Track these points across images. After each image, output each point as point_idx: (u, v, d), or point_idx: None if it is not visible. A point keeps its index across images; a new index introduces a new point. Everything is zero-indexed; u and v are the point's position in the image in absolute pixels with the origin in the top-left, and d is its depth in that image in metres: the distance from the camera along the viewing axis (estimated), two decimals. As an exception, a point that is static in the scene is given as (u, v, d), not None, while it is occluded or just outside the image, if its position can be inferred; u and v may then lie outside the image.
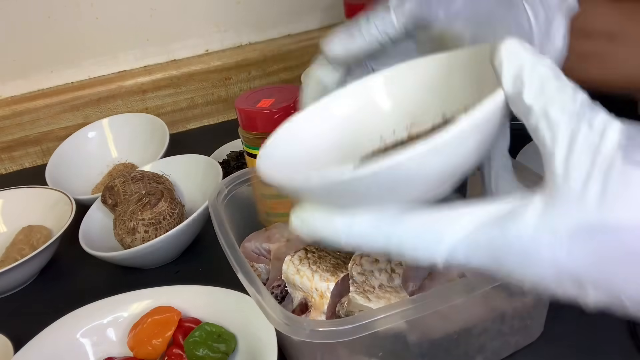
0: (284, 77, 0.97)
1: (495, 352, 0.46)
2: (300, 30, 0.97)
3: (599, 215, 0.23)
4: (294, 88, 0.61)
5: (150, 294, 0.53)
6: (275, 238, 0.53)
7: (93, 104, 0.90)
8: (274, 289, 0.49)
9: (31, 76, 0.90)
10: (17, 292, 0.65)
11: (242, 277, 0.41)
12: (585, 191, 0.23)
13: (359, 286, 0.44)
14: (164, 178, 0.69)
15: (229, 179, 0.54)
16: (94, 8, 0.87)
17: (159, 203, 0.62)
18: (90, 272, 0.66)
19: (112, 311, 0.53)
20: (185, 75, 0.92)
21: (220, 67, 0.93)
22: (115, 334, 0.52)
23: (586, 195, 0.23)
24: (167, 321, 0.51)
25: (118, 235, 0.63)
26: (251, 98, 0.59)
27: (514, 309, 0.44)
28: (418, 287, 0.46)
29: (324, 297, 0.45)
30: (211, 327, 0.49)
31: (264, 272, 0.52)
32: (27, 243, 0.67)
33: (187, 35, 0.93)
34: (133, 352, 0.50)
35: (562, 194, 0.24)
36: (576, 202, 0.23)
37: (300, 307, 0.47)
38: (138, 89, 0.91)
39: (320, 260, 0.47)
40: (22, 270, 0.62)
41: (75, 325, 0.51)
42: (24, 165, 0.92)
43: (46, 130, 0.90)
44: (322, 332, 0.35)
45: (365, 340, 0.38)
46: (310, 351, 0.42)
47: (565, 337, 0.48)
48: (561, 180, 0.24)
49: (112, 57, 0.92)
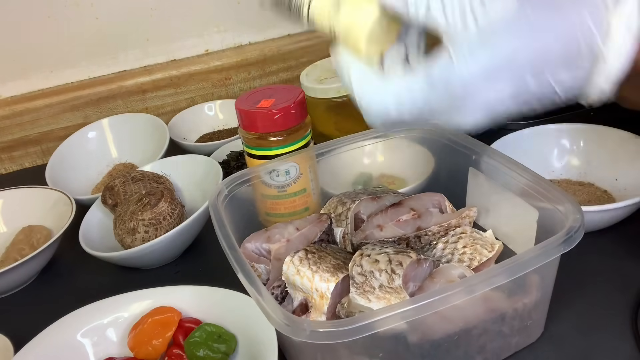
0: (284, 77, 0.97)
1: (495, 353, 0.46)
2: (300, 30, 0.97)
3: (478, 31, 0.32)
4: (294, 88, 0.61)
5: (151, 294, 0.53)
6: (276, 238, 0.53)
7: (93, 104, 0.90)
8: (274, 289, 0.49)
9: (31, 76, 0.90)
10: (17, 292, 0.65)
11: (242, 278, 0.41)
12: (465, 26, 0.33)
13: (359, 287, 0.44)
14: (164, 178, 0.69)
15: (229, 179, 0.55)
16: (94, 8, 0.87)
17: (159, 203, 0.62)
18: (90, 272, 0.66)
19: (113, 311, 0.53)
20: (185, 75, 0.92)
21: (220, 67, 0.93)
22: (115, 334, 0.52)
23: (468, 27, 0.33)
24: (168, 321, 0.51)
25: (118, 235, 0.63)
26: (251, 98, 0.59)
27: (514, 309, 0.44)
28: (418, 287, 0.46)
29: (324, 297, 0.45)
30: (211, 327, 0.49)
31: (264, 272, 0.52)
32: (27, 243, 0.67)
33: (187, 35, 0.93)
34: (133, 353, 0.50)
35: (454, 39, 0.33)
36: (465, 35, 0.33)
37: (301, 307, 0.47)
38: (138, 89, 0.91)
39: (320, 260, 0.47)
40: (22, 270, 0.62)
41: (75, 325, 0.51)
42: (24, 165, 0.92)
43: (46, 130, 0.90)
44: (322, 333, 0.35)
45: (365, 341, 0.38)
46: (311, 352, 0.42)
47: (565, 338, 0.48)
48: (451, 30, 0.33)
49: (112, 57, 0.92)
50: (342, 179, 0.64)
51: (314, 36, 0.96)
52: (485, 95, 0.34)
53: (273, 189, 0.57)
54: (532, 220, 0.47)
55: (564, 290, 0.49)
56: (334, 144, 0.59)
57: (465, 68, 0.33)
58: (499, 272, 0.39)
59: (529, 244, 0.48)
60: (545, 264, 0.40)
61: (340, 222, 0.55)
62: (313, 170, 0.59)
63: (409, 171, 0.65)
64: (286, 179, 0.57)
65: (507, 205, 0.51)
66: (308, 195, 0.59)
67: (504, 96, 0.34)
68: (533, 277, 0.44)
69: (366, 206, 0.56)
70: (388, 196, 0.57)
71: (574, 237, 0.40)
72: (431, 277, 0.46)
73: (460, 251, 0.51)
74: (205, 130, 0.90)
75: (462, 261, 0.50)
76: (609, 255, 0.55)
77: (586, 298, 0.51)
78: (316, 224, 0.54)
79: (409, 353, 0.42)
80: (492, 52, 0.33)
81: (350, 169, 0.65)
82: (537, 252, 0.40)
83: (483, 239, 0.52)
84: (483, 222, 0.55)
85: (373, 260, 0.45)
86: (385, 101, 0.36)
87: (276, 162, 0.57)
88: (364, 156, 0.66)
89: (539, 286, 0.45)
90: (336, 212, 0.56)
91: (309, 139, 0.61)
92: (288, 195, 0.58)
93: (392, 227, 0.54)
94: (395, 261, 0.45)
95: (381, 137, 0.61)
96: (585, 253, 0.41)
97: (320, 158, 0.59)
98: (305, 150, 0.59)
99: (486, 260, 0.49)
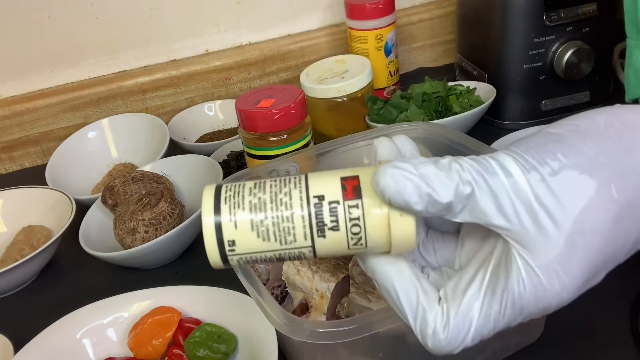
0: (284, 77, 0.97)
1: (495, 353, 0.46)
2: (300, 30, 0.97)
3: (560, 234, 0.27)
4: (294, 88, 0.61)
5: (151, 294, 0.53)
6: (276, 238, 0.53)
7: (93, 104, 0.90)
8: (274, 289, 0.49)
9: (31, 76, 0.90)
10: (17, 292, 0.65)
11: (242, 278, 0.41)
12: (538, 227, 0.27)
13: (359, 287, 0.44)
14: (164, 178, 0.69)
15: (229, 179, 0.55)
16: (94, 8, 0.87)
17: (159, 203, 0.62)
18: (90, 272, 0.66)
19: (113, 311, 0.53)
20: (185, 75, 0.92)
21: (220, 67, 0.93)
22: (115, 334, 0.52)
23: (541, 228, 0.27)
24: (168, 321, 0.51)
25: (118, 235, 0.63)
26: (251, 98, 0.59)
27: (514, 309, 0.44)
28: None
29: (324, 297, 0.45)
30: (211, 327, 0.49)
31: (264, 272, 0.52)
32: (27, 243, 0.67)
33: (187, 35, 0.93)
34: (133, 353, 0.50)
35: (526, 243, 0.27)
36: (540, 239, 0.27)
37: (301, 307, 0.47)
38: (138, 89, 0.91)
39: (320, 260, 0.47)
40: (22, 270, 0.62)
41: (75, 325, 0.51)
42: (24, 165, 0.92)
43: (46, 130, 0.90)
44: (322, 333, 0.35)
45: (365, 341, 0.38)
46: (311, 352, 0.42)
47: (565, 338, 0.48)
48: (516, 229, 0.27)
49: (112, 57, 0.92)
50: (342, 179, 0.64)
51: (314, 36, 0.96)
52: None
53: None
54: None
55: (564, 290, 0.49)
56: (334, 144, 0.59)
57: (563, 292, 0.28)
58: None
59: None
60: (545, 264, 0.40)
61: (340, 222, 0.55)
62: (313, 170, 0.59)
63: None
64: (286, 179, 0.57)
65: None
66: (308, 195, 0.59)
67: (597, 282, 0.30)
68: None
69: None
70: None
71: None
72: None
73: (460, 251, 0.50)
74: (205, 130, 0.90)
75: (462, 261, 0.50)
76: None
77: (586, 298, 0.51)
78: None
79: (409, 353, 0.42)
80: (592, 257, 0.27)
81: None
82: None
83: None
84: (483, 222, 0.55)
85: (373, 260, 0.45)
86: (459, 338, 0.29)
87: (276, 162, 0.57)
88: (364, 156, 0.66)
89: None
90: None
91: (309, 139, 0.61)
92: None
93: (392, 227, 0.53)
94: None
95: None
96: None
97: (320, 158, 0.59)
98: (305, 150, 0.59)
99: (486, 260, 0.49)
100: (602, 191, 0.27)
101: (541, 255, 0.27)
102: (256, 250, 0.29)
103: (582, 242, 0.27)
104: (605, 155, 0.27)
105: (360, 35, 0.83)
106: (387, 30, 0.82)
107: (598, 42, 0.72)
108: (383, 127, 0.64)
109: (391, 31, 0.83)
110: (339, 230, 0.28)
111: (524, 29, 0.72)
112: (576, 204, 0.26)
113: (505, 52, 0.74)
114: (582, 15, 0.71)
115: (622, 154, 0.28)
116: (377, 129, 0.63)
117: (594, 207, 0.27)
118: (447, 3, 0.98)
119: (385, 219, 0.28)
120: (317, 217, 0.28)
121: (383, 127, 0.64)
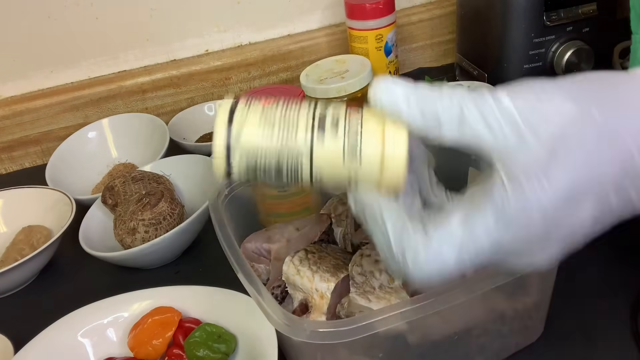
0: (284, 77, 0.97)
1: (495, 353, 0.46)
2: (300, 30, 0.97)
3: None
4: (294, 88, 0.61)
5: (151, 294, 0.53)
6: (276, 238, 0.53)
7: (93, 104, 0.90)
8: (274, 289, 0.49)
9: (31, 76, 0.90)
10: (17, 292, 0.65)
11: (242, 278, 0.41)
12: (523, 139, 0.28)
13: (359, 287, 0.44)
14: (164, 178, 0.69)
15: (229, 179, 0.55)
16: (94, 8, 0.87)
17: (159, 203, 0.62)
18: (90, 272, 0.66)
19: (113, 311, 0.53)
20: (185, 75, 0.92)
21: (220, 67, 0.93)
22: (115, 334, 0.52)
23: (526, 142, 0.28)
24: (168, 321, 0.51)
25: (118, 235, 0.63)
26: (251, 98, 0.60)
27: (514, 309, 0.44)
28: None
29: (324, 297, 0.45)
30: (211, 327, 0.49)
31: (264, 272, 0.52)
32: (27, 243, 0.67)
33: (187, 35, 0.93)
34: (133, 353, 0.50)
35: (511, 159, 0.28)
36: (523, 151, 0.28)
37: (301, 307, 0.47)
38: (138, 89, 0.91)
39: (320, 260, 0.47)
40: (22, 270, 0.62)
41: (75, 325, 0.51)
42: (24, 165, 0.92)
43: (46, 130, 0.90)
44: (322, 333, 0.35)
45: (365, 341, 0.38)
46: (311, 352, 0.42)
47: (565, 338, 0.48)
48: (501, 147, 0.28)
49: (112, 57, 0.92)
50: (342, 179, 0.64)
51: (314, 36, 0.96)
52: (565, 225, 0.28)
53: (273, 189, 0.57)
54: (532, 220, 0.47)
55: (564, 290, 0.49)
56: (334, 144, 0.59)
57: (544, 196, 0.27)
58: (499, 272, 0.39)
59: (529, 244, 0.48)
60: (545, 264, 0.40)
61: (340, 222, 0.55)
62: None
63: (409, 171, 0.64)
64: (286, 179, 0.57)
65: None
66: (308, 195, 0.59)
67: (586, 222, 0.28)
68: (533, 277, 0.44)
69: (366, 206, 0.55)
70: (388, 196, 0.56)
71: (574, 237, 0.40)
72: (431, 277, 0.46)
73: (460, 251, 0.50)
74: (205, 130, 0.90)
75: (462, 261, 0.50)
76: (609, 256, 0.55)
77: (586, 298, 0.51)
78: (316, 224, 0.54)
79: (408, 353, 0.42)
80: (574, 171, 0.27)
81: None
82: (537, 252, 0.40)
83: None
84: (483, 222, 0.55)
85: (373, 260, 0.45)
86: (441, 255, 0.29)
87: (276, 162, 0.57)
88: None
89: (539, 286, 0.45)
90: (336, 212, 0.56)
91: (309, 139, 0.61)
92: (288, 196, 0.58)
93: (392, 227, 0.53)
94: (395, 261, 0.45)
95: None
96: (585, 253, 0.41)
97: (320, 158, 0.59)
98: (305, 150, 0.59)
99: (486, 260, 0.49)
100: (585, 113, 0.28)
101: (523, 162, 0.28)
102: (259, 144, 0.31)
103: (563, 153, 0.27)
104: (590, 87, 0.29)
105: (360, 35, 0.83)
106: (387, 30, 0.82)
107: (598, 42, 0.72)
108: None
109: (391, 31, 0.83)
110: (336, 136, 0.30)
111: (524, 29, 0.72)
112: (559, 121, 0.28)
113: (505, 52, 0.74)
114: (582, 15, 0.71)
115: (605, 88, 0.30)
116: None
117: (576, 125, 0.28)
118: (447, 3, 0.97)
119: (380, 134, 0.30)
120: (319, 118, 0.31)
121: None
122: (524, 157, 0.27)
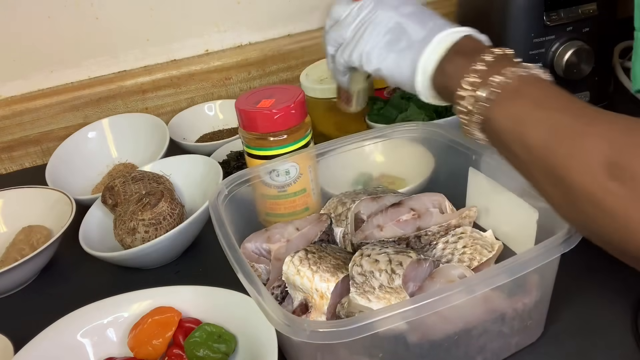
0: (284, 77, 0.97)
1: (495, 353, 0.46)
2: (300, 30, 0.97)
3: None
4: (294, 88, 0.61)
5: (151, 294, 0.53)
6: (276, 238, 0.53)
7: (93, 104, 0.90)
8: (274, 289, 0.49)
9: (31, 76, 0.90)
10: (17, 292, 0.65)
11: (242, 278, 0.41)
12: None
13: (359, 287, 0.44)
14: (164, 178, 0.69)
15: (229, 179, 0.55)
16: (94, 8, 0.87)
17: (159, 203, 0.62)
18: (90, 272, 0.66)
19: (113, 311, 0.53)
20: (185, 75, 0.92)
21: (220, 67, 0.93)
22: (115, 334, 0.52)
23: None
24: (168, 321, 0.51)
25: (118, 235, 0.63)
26: (251, 98, 0.59)
27: (514, 309, 0.44)
28: (418, 287, 0.46)
29: (324, 297, 0.45)
30: (211, 327, 0.49)
31: (264, 272, 0.52)
32: (27, 243, 0.67)
33: (187, 35, 0.93)
34: (133, 353, 0.50)
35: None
36: None
37: (301, 307, 0.47)
38: (138, 89, 0.91)
39: (320, 260, 0.47)
40: (22, 270, 0.62)
41: (75, 325, 0.51)
42: (24, 165, 0.92)
43: (46, 130, 0.90)
44: (322, 333, 0.35)
45: (365, 341, 0.38)
46: (311, 352, 0.42)
47: (565, 337, 0.48)
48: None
49: (112, 57, 0.92)
50: (342, 179, 0.64)
51: (314, 36, 0.96)
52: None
53: (273, 189, 0.57)
54: (532, 220, 0.47)
55: (564, 290, 0.49)
56: (334, 144, 0.59)
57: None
58: (499, 272, 0.39)
59: (529, 244, 0.48)
60: (545, 264, 0.40)
61: (340, 222, 0.55)
62: (313, 170, 0.59)
63: (409, 171, 0.65)
64: (286, 179, 0.57)
65: (507, 205, 0.51)
66: (308, 195, 0.59)
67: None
68: (533, 277, 0.44)
69: (366, 206, 0.56)
70: (388, 196, 0.57)
71: (574, 238, 0.40)
72: (431, 277, 0.47)
73: (460, 251, 0.51)
74: (205, 130, 0.90)
75: (462, 261, 0.50)
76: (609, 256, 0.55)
77: (586, 298, 0.51)
78: (316, 224, 0.54)
79: (408, 353, 0.42)
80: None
81: (350, 169, 0.65)
82: (537, 252, 0.40)
83: (483, 239, 0.52)
84: (483, 222, 0.55)
85: (373, 261, 0.45)
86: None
87: (276, 162, 0.57)
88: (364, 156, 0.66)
89: (539, 286, 0.45)
90: (336, 212, 0.56)
91: (309, 139, 0.61)
92: (288, 195, 0.58)
93: (392, 227, 0.54)
94: (396, 261, 0.45)
95: (381, 137, 0.61)
96: (585, 253, 0.41)
97: (320, 158, 0.59)
98: (305, 150, 0.59)
99: (486, 261, 0.49)
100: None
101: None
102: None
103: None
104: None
105: (360, 35, 0.83)
106: (387, 30, 0.82)
107: (598, 42, 0.72)
108: (383, 127, 0.64)
109: (391, 31, 0.83)
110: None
111: (524, 29, 0.72)
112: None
113: (505, 52, 0.74)
114: (582, 15, 0.71)
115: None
116: (377, 129, 0.63)
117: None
118: (447, 3, 0.97)
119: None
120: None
121: (383, 127, 0.64)
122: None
